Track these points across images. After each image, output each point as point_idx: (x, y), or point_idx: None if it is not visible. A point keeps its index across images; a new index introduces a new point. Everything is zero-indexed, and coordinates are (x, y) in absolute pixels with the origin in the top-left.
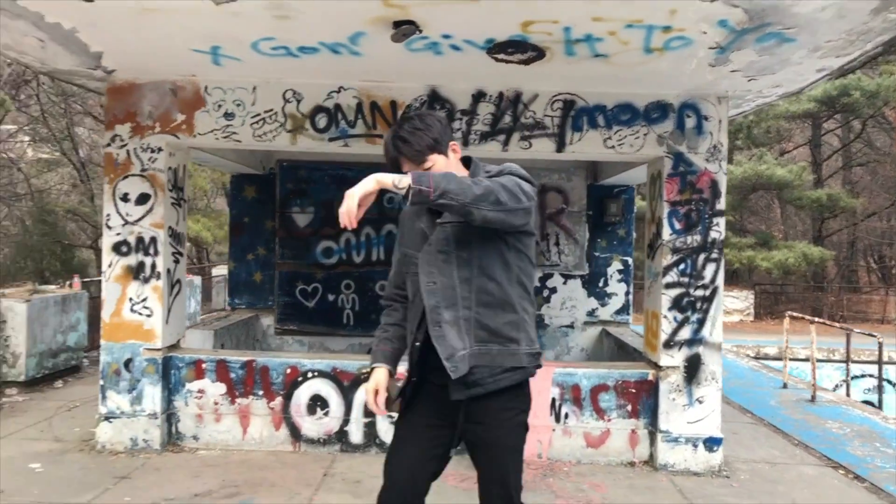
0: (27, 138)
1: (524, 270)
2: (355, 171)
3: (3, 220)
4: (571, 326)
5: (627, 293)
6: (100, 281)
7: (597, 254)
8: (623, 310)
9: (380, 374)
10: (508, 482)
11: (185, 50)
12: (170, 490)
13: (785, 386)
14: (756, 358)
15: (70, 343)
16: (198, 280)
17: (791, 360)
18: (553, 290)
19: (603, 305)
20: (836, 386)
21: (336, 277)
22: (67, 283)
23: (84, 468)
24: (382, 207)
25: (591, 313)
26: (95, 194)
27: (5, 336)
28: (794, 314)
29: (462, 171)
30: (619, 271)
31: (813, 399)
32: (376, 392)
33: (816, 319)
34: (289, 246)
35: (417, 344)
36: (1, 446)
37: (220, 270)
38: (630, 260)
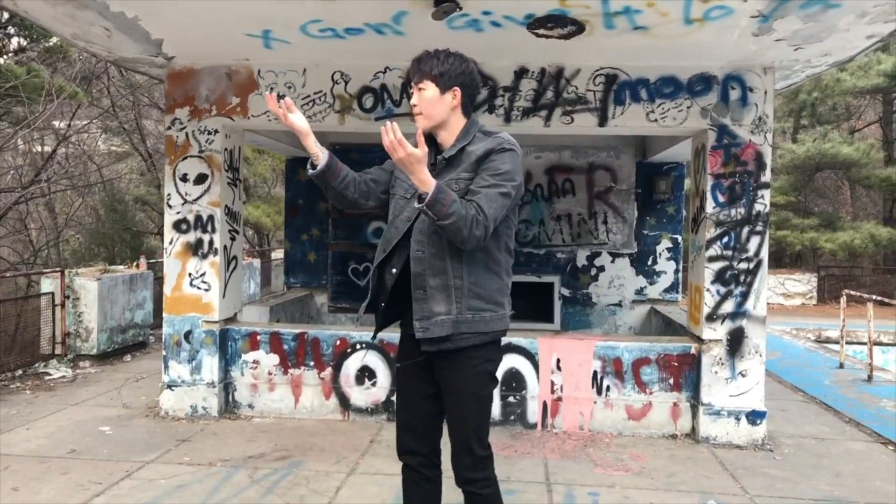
0: (99, 131)
1: (510, 235)
2: None
3: (78, 210)
4: (619, 305)
5: (677, 271)
6: None
7: (645, 232)
8: (672, 288)
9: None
10: (467, 427)
11: (239, 34)
12: (225, 452)
13: (841, 366)
14: (817, 341)
15: (137, 320)
16: (257, 263)
17: (854, 343)
18: (601, 269)
19: (651, 284)
20: None
21: None
22: (135, 263)
23: (149, 431)
24: None
25: (639, 292)
26: (161, 183)
27: (79, 312)
28: (852, 292)
29: (459, 122)
30: (669, 249)
31: (870, 378)
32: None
33: (875, 297)
34: (341, 227)
35: (395, 271)
36: (75, 412)
37: (279, 254)
38: (679, 238)
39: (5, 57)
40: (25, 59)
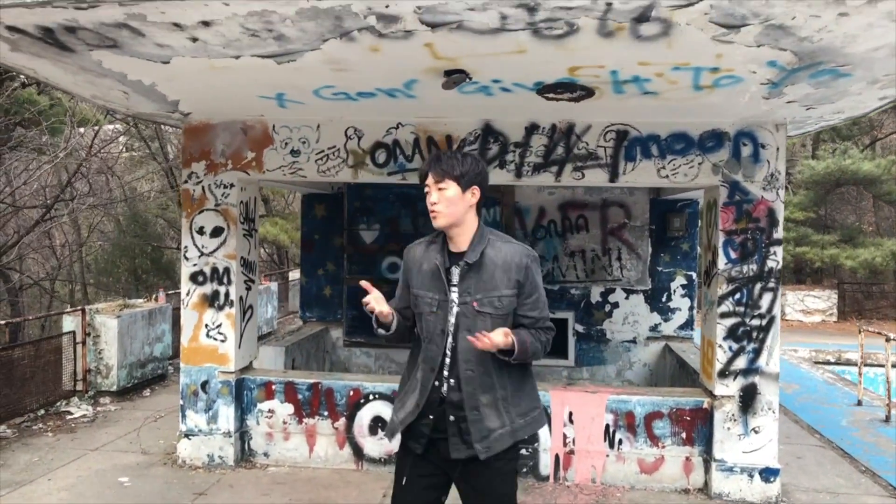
0: (123, 147)
1: None
2: (418, 189)
3: (101, 221)
4: (634, 341)
5: (691, 308)
6: None
7: (660, 268)
8: (686, 325)
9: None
10: None
11: (253, 97)
12: None
13: (860, 403)
14: (836, 363)
15: (156, 353)
16: (275, 286)
17: (875, 365)
18: (615, 305)
19: (666, 321)
20: None
21: None
22: (154, 296)
23: (167, 482)
24: None
25: (653, 328)
26: (180, 200)
27: (99, 349)
28: (868, 329)
29: (473, 221)
30: (683, 286)
31: (887, 419)
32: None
33: (892, 336)
34: (356, 261)
35: (445, 386)
36: (95, 459)
37: (298, 274)
38: (694, 275)
39: (30, 89)
40: (48, 88)
